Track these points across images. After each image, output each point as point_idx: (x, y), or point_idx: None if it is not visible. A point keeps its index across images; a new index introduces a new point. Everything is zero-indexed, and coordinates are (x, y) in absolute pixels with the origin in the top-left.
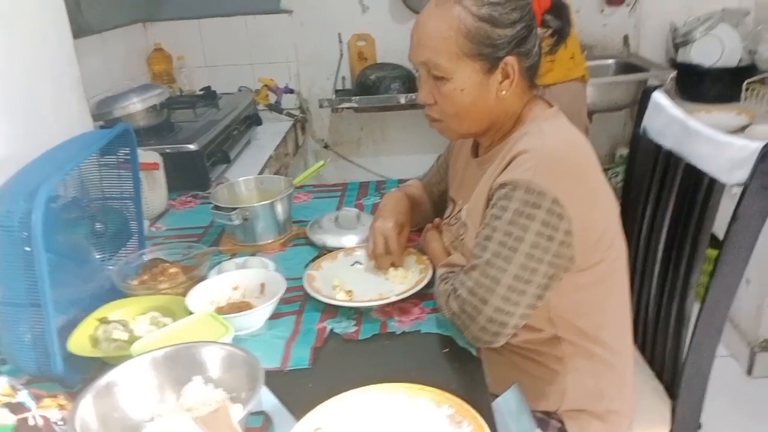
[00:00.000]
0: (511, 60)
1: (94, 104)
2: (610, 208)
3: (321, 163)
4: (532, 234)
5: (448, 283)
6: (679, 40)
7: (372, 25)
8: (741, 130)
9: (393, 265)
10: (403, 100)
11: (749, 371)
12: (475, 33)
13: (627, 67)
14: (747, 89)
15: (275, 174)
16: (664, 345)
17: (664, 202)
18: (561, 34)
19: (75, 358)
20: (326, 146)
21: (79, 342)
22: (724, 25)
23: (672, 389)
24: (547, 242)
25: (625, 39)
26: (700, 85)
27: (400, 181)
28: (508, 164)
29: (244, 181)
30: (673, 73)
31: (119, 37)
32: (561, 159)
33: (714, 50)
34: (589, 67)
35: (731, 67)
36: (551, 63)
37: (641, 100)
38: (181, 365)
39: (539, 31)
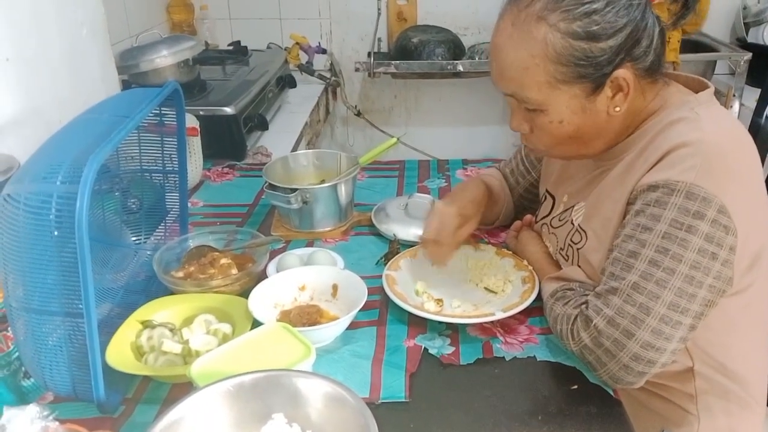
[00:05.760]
0: (622, 73)
1: (117, 55)
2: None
3: (393, 140)
4: (693, 251)
5: (570, 306)
6: (751, 19)
7: None
8: None
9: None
10: (448, 68)
11: None
12: (568, 55)
13: (692, 45)
14: None
15: (308, 144)
16: None
17: None
18: (688, 3)
19: (115, 373)
20: (358, 113)
21: (120, 352)
22: None
23: None
24: (709, 261)
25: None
26: None
27: (464, 161)
28: (659, 160)
29: (299, 156)
30: (748, 56)
31: None
32: (728, 157)
33: None
34: None
35: None
36: None
37: (765, 84)
38: (260, 398)
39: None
